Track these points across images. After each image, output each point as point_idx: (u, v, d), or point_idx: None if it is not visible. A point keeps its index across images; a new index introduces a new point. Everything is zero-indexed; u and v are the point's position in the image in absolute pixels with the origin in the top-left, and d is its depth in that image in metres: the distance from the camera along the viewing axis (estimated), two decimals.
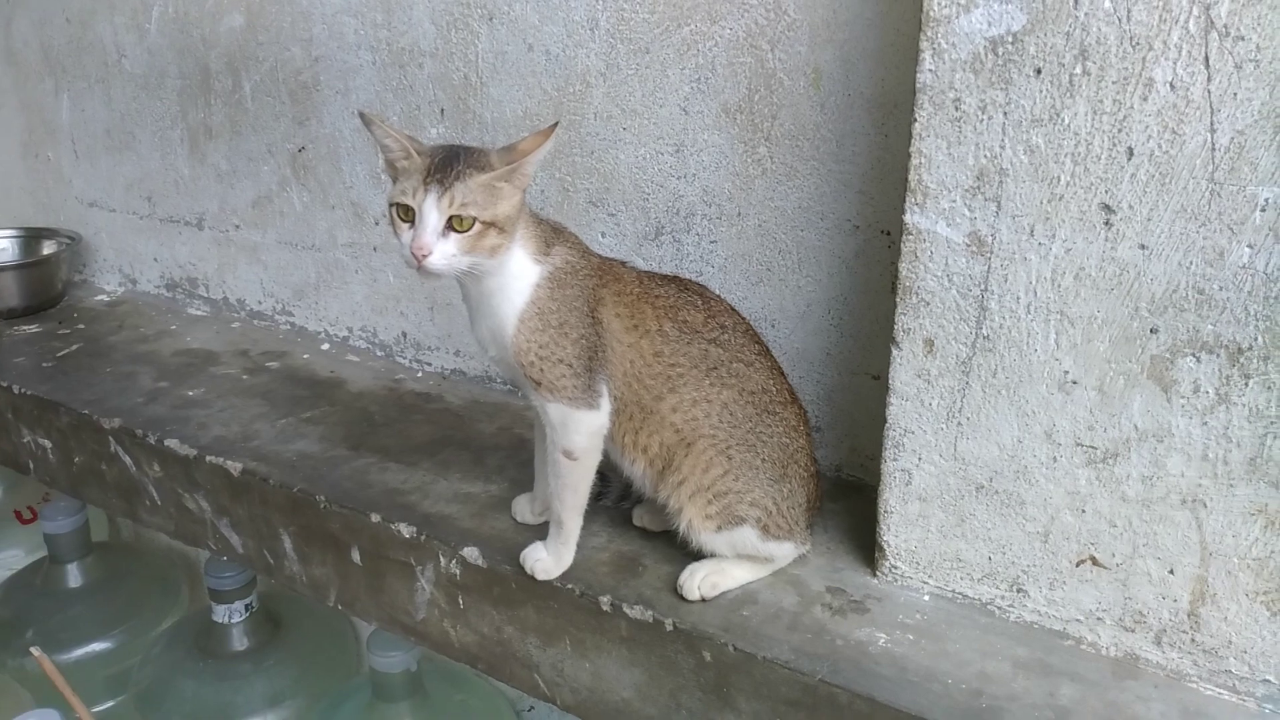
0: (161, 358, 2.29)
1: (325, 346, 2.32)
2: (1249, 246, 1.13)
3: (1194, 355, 1.19)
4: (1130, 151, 1.16)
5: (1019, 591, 1.37)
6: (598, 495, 1.61)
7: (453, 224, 1.28)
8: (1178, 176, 1.15)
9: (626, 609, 1.42)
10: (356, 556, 1.69)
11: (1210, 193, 1.14)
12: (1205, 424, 1.20)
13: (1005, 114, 1.22)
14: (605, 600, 1.44)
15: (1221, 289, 1.15)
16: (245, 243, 2.40)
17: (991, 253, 1.27)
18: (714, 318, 1.45)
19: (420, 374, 2.18)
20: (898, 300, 1.35)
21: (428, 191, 1.27)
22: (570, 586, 1.47)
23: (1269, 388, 1.16)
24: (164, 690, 2.22)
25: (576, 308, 1.39)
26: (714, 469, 1.40)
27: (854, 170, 1.57)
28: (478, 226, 1.29)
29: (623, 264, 1.48)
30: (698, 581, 1.43)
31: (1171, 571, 1.26)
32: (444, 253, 1.28)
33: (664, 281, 1.47)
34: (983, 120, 1.24)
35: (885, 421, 1.41)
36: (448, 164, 1.29)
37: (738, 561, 1.45)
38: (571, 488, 1.44)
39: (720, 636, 1.36)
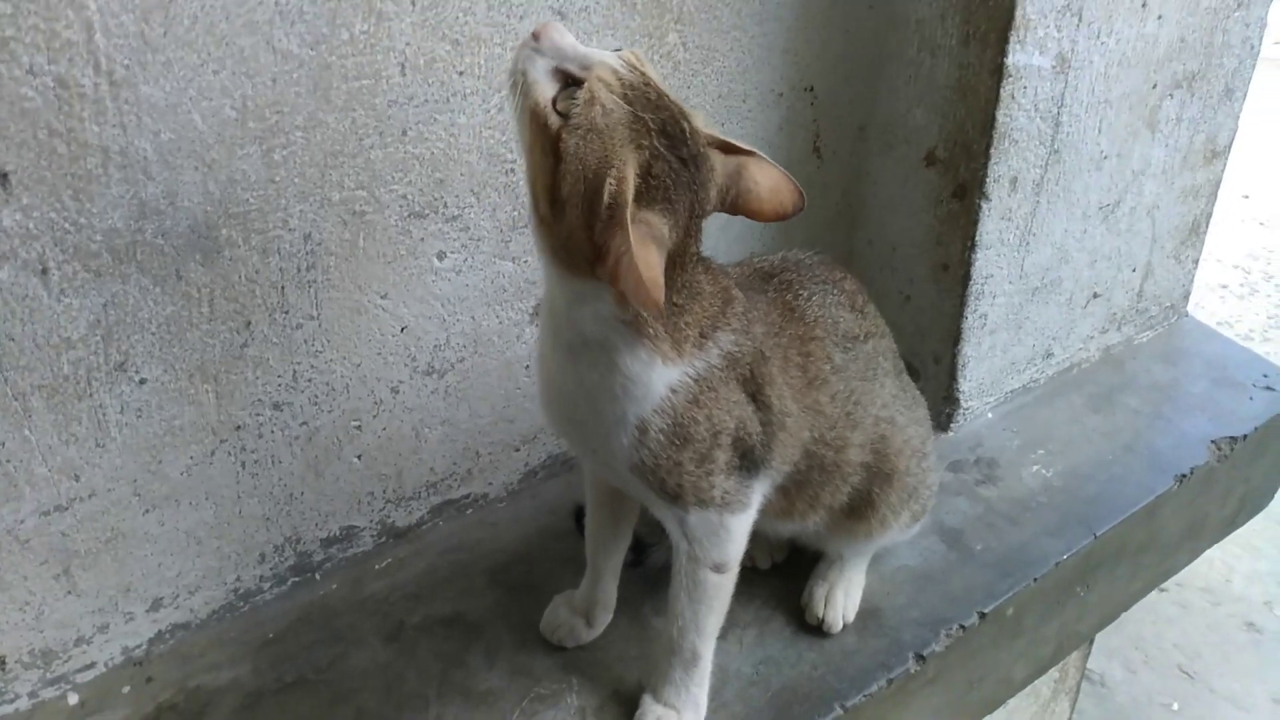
0: None
1: None
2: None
3: (1170, 93, 1.38)
4: None
5: (1048, 357, 1.51)
6: (633, 563, 1.15)
7: None
8: None
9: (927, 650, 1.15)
10: None
11: None
12: (1168, 145, 1.44)
13: None
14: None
15: (1195, 33, 1.35)
16: None
17: (1070, 67, 1.23)
18: (854, 297, 1.06)
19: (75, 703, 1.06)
20: (991, 150, 1.22)
21: None
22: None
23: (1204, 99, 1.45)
24: None
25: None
26: (914, 466, 1.09)
27: (779, 29, 1.23)
28: None
29: (732, 281, 0.95)
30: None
31: (1134, 269, 1.54)
32: None
33: (797, 282, 1.01)
34: None
35: (963, 278, 1.31)
36: None
37: None
38: (717, 609, 0.99)
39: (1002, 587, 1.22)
